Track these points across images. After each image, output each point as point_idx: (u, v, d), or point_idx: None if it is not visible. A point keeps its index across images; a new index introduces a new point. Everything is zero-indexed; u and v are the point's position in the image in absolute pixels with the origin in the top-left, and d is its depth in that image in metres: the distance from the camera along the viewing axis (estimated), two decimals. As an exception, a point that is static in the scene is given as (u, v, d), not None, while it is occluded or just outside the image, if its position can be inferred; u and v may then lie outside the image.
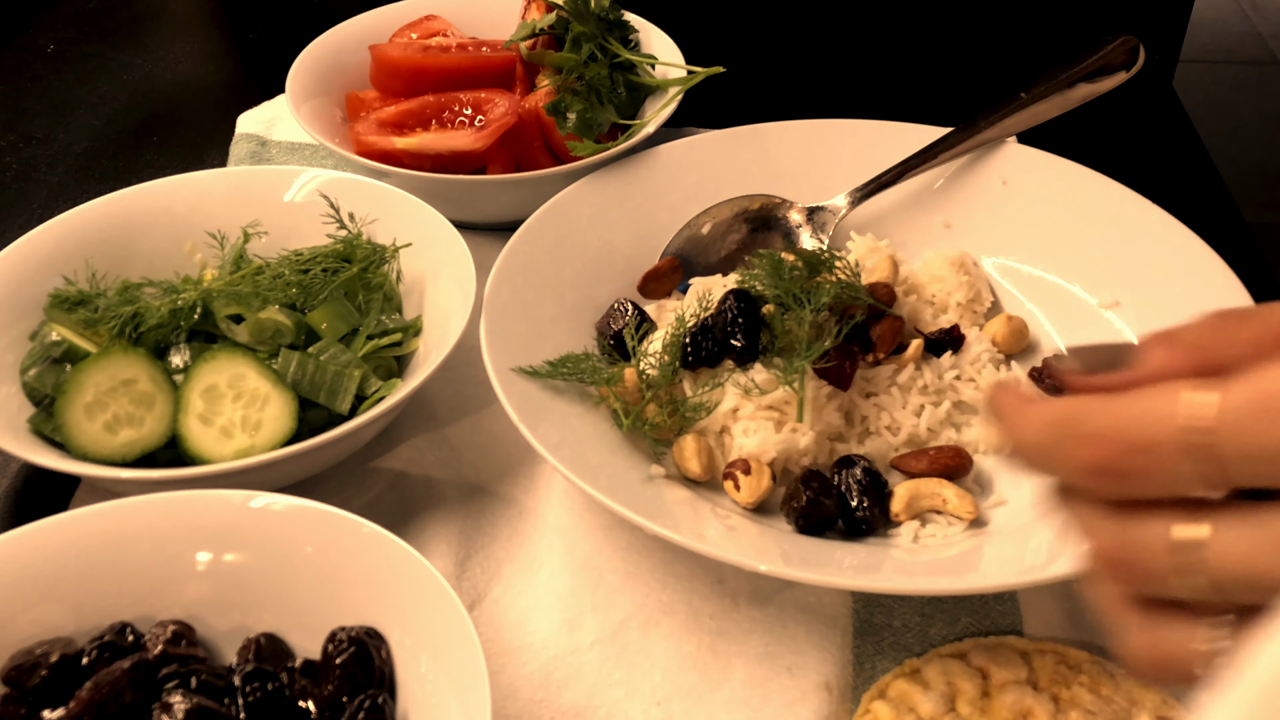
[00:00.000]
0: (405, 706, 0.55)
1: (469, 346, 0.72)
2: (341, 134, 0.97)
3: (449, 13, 1.07)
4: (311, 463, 0.70)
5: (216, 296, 0.76)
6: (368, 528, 0.58)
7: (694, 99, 0.96)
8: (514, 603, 0.67)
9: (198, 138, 1.11)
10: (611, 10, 0.97)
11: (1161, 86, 1.18)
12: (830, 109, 0.93)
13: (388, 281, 0.81)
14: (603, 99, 0.94)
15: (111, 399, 0.69)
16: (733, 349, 0.72)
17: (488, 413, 0.78)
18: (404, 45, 1.00)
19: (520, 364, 0.71)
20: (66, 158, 1.08)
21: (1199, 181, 1.05)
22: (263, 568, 0.59)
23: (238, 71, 1.27)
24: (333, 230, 0.81)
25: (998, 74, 0.96)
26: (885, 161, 0.87)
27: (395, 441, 0.77)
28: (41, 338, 0.74)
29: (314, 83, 0.99)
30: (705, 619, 0.65)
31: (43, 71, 1.23)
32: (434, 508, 0.72)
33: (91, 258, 0.80)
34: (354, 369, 0.73)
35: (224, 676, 0.56)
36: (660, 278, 0.82)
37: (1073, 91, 0.88)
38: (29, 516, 0.60)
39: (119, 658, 0.56)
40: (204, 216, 0.84)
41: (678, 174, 0.88)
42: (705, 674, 0.62)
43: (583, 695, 0.62)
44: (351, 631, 0.56)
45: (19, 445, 0.67)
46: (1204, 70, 2.80)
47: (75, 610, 0.58)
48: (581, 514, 0.71)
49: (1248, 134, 2.62)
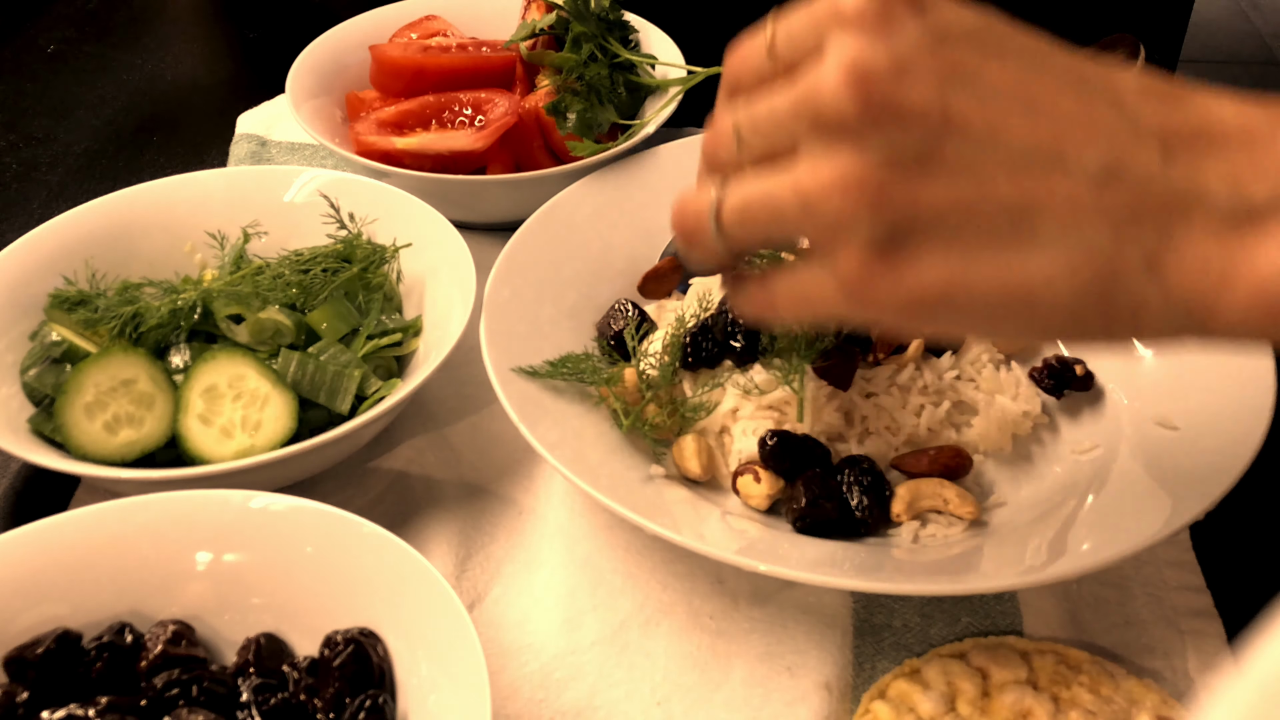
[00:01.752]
0: (405, 706, 0.55)
1: (469, 346, 0.72)
2: (341, 134, 0.97)
3: (449, 13, 1.07)
4: (311, 463, 0.70)
5: (216, 296, 0.76)
6: (368, 528, 0.58)
7: (694, 99, 0.96)
8: (514, 603, 0.67)
9: (198, 138, 1.11)
10: (611, 10, 0.97)
11: (1161, 86, 1.17)
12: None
13: (388, 281, 0.81)
14: (603, 99, 0.94)
15: (111, 399, 0.69)
16: (732, 349, 0.72)
17: (488, 413, 0.78)
18: (404, 45, 1.00)
19: (520, 364, 0.71)
20: (66, 158, 1.08)
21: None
22: (262, 568, 0.59)
23: (238, 71, 1.27)
24: (333, 230, 0.81)
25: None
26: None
27: (395, 441, 0.77)
28: (41, 338, 0.74)
29: (314, 83, 0.99)
30: (705, 619, 0.65)
31: (43, 71, 1.23)
32: (434, 508, 0.72)
33: (91, 258, 0.80)
34: (354, 369, 0.73)
35: (224, 681, 0.56)
36: (660, 278, 0.82)
37: (1073, 91, 0.88)
38: (29, 516, 0.60)
39: (119, 657, 0.56)
40: (204, 216, 0.84)
41: (678, 174, 0.88)
42: (705, 674, 0.62)
43: (583, 695, 0.62)
44: (348, 633, 0.56)
45: (19, 445, 0.67)
46: (1204, 70, 2.80)
47: (75, 610, 0.58)
48: (581, 514, 0.71)
49: (1248, 134, 2.61)
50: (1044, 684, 0.59)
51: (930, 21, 0.44)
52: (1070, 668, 0.60)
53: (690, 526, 0.64)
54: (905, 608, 0.65)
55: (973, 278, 0.44)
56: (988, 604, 0.65)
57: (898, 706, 0.58)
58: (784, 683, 0.62)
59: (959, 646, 0.62)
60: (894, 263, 0.44)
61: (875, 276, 0.44)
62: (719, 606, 0.66)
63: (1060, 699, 0.58)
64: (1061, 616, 0.65)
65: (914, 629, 0.64)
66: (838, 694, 0.61)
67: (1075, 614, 0.65)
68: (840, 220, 0.44)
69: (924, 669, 0.60)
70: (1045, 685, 0.59)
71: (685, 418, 0.72)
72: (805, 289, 0.48)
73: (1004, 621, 0.64)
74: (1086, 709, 0.57)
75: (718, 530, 0.65)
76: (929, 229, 0.44)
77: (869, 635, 0.64)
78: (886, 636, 0.64)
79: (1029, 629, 0.64)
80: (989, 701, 0.58)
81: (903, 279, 0.44)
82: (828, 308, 0.48)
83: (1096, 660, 0.60)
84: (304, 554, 0.59)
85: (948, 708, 0.58)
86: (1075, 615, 0.65)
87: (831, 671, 0.62)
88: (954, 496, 0.67)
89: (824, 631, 0.64)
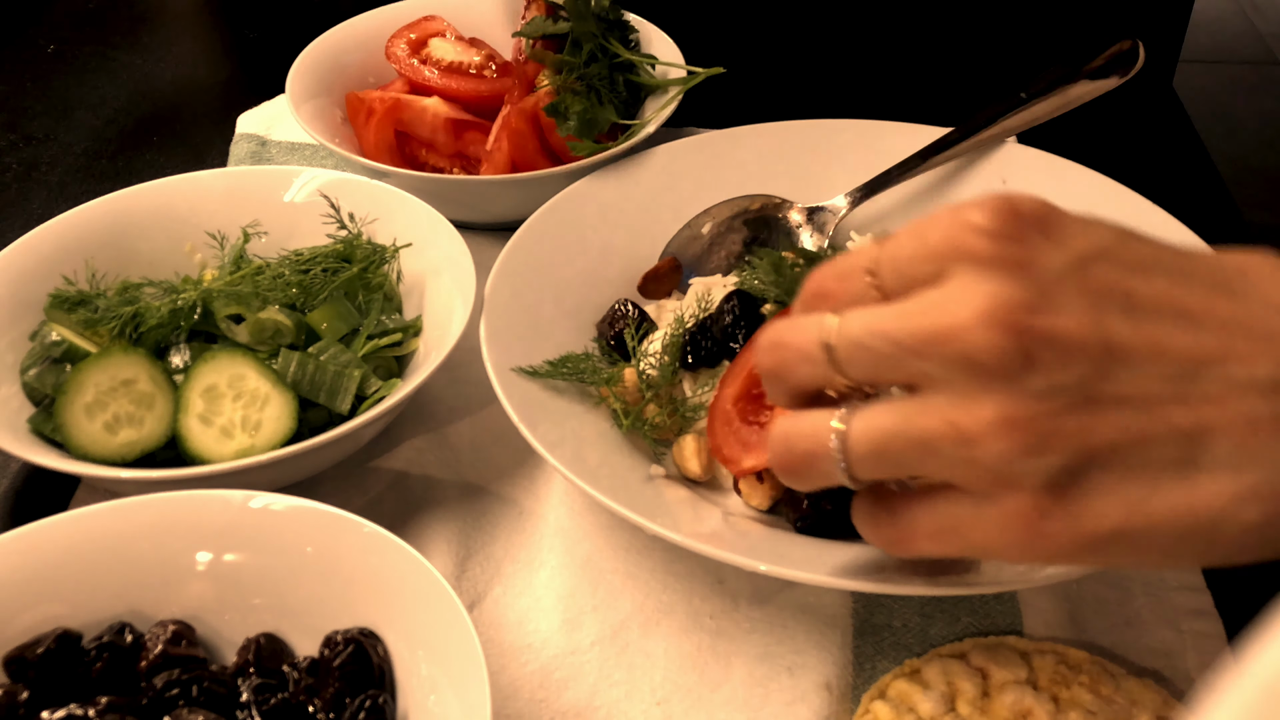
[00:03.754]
0: (405, 706, 0.55)
1: (469, 346, 0.72)
2: (342, 134, 0.97)
3: (449, 13, 1.07)
4: (311, 463, 0.70)
5: (216, 296, 0.76)
6: (368, 528, 0.58)
7: (694, 99, 0.96)
8: (514, 603, 0.67)
9: (198, 138, 1.10)
10: (611, 10, 0.97)
11: (1161, 86, 1.18)
12: (830, 109, 0.93)
13: (388, 281, 0.81)
14: (603, 99, 0.94)
15: (111, 399, 0.69)
16: (732, 349, 0.72)
17: (488, 413, 0.78)
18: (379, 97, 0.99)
19: (520, 364, 0.71)
20: (66, 158, 1.08)
21: (1199, 181, 1.05)
22: (262, 568, 0.59)
23: (237, 71, 1.27)
24: (333, 230, 0.81)
25: (998, 74, 0.96)
26: (885, 161, 0.87)
27: (395, 441, 0.77)
28: (41, 338, 0.74)
29: (314, 83, 0.99)
30: (705, 619, 0.65)
31: (43, 71, 1.23)
32: (434, 508, 0.72)
33: (91, 258, 0.80)
34: (354, 369, 0.73)
35: (224, 681, 0.56)
36: (660, 278, 0.82)
37: (1073, 91, 0.88)
38: (29, 516, 0.60)
39: (119, 658, 0.56)
40: (204, 216, 0.84)
41: (678, 174, 0.88)
42: (705, 674, 0.62)
43: (583, 695, 0.62)
44: (348, 633, 0.56)
45: (19, 445, 0.67)
46: (1204, 70, 2.80)
47: (75, 610, 0.58)
48: (581, 514, 0.71)
49: (1248, 134, 2.62)
50: (1044, 684, 0.59)
51: (1065, 245, 0.42)
52: (1070, 668, 0.60)
53: (690, 526, 0.64)
54: (905, 608, 0.65)
55: (1151, 509, 0.41)
56: (988, 604, 0.65)
57: (898, 706, 0.58)
58: (784, 683, 0.62)
59: (959, 646, 0.62)
60: (1067, 503, 0.42)
61: (1049, 519, 0.42)
62: (719, 606, 0.66)
63: (1060, 699, 0.58)
64: (1061, 616, 0.65)
65: (914, 629, 0.64)
66: (838, 694, 0.61)
67: (1075, 614, 0.65)
68: (1007, 461, 0.41)
69: (924, 669, 0.60)
70: (1045, 685, 0.59)
71: (685, 418, 0.72)
72: (958, 528, 0.45)
73: (1004, 621, 0.64)
74: (1086, 709, 0.57)
75: (718, 530, 0.65)
76: (1103, 463, 0.41)
77: (869, 635, 0.64)
78: (886, 636, 0.64)
79: (1029, 629, 0.64)
80: (989, 702, 0.58)
81: (1078, 519, 0.42)
82: (986, 551, 0.45)
83: (1097, 660, 0.60)
84: (304, 554, 0.59)
85: (948, 708, 0.58)
86: (1075, 615, 0.65)
87: (831, 671, 0.62)
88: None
89: (824, 631, 0.64)
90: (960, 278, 0.42)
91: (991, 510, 0.43)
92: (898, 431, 0.44)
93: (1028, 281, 0.41)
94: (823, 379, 0.47)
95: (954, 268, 0.42)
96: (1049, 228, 0.43)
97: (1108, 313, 0.41)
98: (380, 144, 0.96)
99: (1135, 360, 0.41)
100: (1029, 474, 0.41)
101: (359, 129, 0.98)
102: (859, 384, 0.46)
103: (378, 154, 0.96)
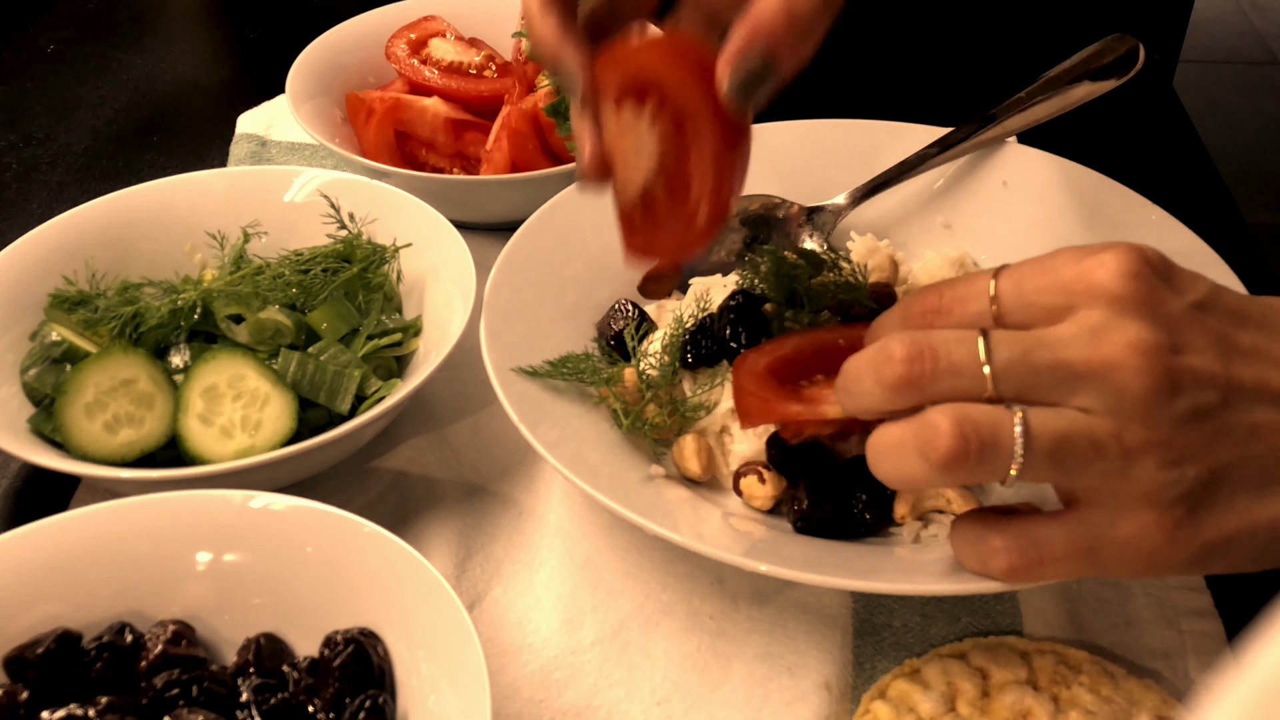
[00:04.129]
0: (405, 706, 0.55)
1: (469, 346, 0.72)
2: (341, 134, 0.97)
3: (449, 13, 1.07)
4: (311, 463, 0.70)
5: (216, 296, 0.76)
6: (368, 528, 0.58)
7: (694, 99, 0.96)
8: (514, 603, 0.67)
9: (198, 138, 1.11)
10: (611, 10, 0.97)
11: (1161, 86, 1.17)
12: (830, 109, 0.93)
13: (388, 281, 0.81)
14: (603, 99, 0.94)
15: (111, 399, 0.69)
16: (732, 349, 0.72)
17: (488, 413, 0.78)
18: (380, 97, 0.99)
19: (520, 364, 0.71)
20: (66, 158, 1.08)
21: (1199, 181, 1.05)
22: (262, 568, 0.59)
23: (238, 71, 1.27)
24: (333, 230, 0.81)
25: (998, 74, 0.96)
26: (885, 161, 0.87)
27: (395, 441, 0.77)
28: (41, 338, 0.74)
29: (314, 83, 0.99)
30: (705, 619, 0.65)
31: (43, 71, 1.23)
32: (434, 508, 0.72)
33: (91, 258, 0.80)
34: (354, 369, 0.73)
35: (224, 681, 0.56)
36: (660, 278, 0.82)
37: (1073, 91, 0.88)
38: (29, 516, 0.60)
39: (119, 658, 0.56)
40: (204, 216, 0.84)
41: (678, 174, 0.88)
42: (705, 674, 0.62)
43: (583, 695, 0.62)
44: (348, 633, 0.56)
45: (19, 445, 0.67)
46: (1204, 70, 2.80)
47: (75, 610, 0.58)
48: (581, 514, 0.71)
49: (1248, 134, 2.62)
50: (1044, 684, 0.59)
51: (1183, 293, 0.50)
52: (1070, 668, 0.60)
53: (690, 526, 0.64)
54: (905, 608, 0.65)
55: (1255, 516, 0.50)
56: (988, 604, 0.65)
57: (898, 706, 0.58)
58: (784, 683, 0.62)
59: (959, 646, 0.62)
60: (1196, 513, 0.49)
61: (1181, 528, 0.49)
62: (719, 606, 0.66)
63: (1060, 699, 0.58)
64: (1061, 616, 0.65)
65: (914, 629, 0.64)
66: (838, 694, 0.61)
67: (1075, 614, 0.65)
68: (1152, 474, 0.48)
69: (924, 669, 0.60)
70: (1045, 685, 0.59)
71: (685, 418, 0.72)
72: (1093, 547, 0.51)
73: (1004, 621, 0.64)
74: (1086, 709, 0.57)
75: (718, 530, 0.65)
76: (1224, 478, 0.49)
77: (869, 635, 0.64)
78: (886, 636, 0.64)
79: (1029, 629, 0.64)
80: (989, 702, 0.58)
81: (1200, 527, 0.49)
82: (1114, 567, 0.51)
83: (1096, 660, 0.60)
84: (304, 554, 0.59)
85: (948, 708, 0.58)
86: (1075, 615, 0.65)
87: (831, 671, 0.62)
88: (956, 497, 0.67)
89: (824, 631, 0.64)
90: (1097, 313, 0.49)
91: (1126, 524, 0.50)
92: (1077, 432, 0.49)
93: (1159, 323, 0.48)
94: (971, 392, 0.50)
95: (1087, 303, 0.49)
96: (1170, 277, 0.50)
97: (1226, 352, 0.49)
98: (380, 144, 0.96)
99: (1248, 393, 0.49)
100: (1169, 485, 0.49)
101: (359, 129, 0.98)
102: (1004, 401, 0.50)
103: (378, 154, 0.96)
